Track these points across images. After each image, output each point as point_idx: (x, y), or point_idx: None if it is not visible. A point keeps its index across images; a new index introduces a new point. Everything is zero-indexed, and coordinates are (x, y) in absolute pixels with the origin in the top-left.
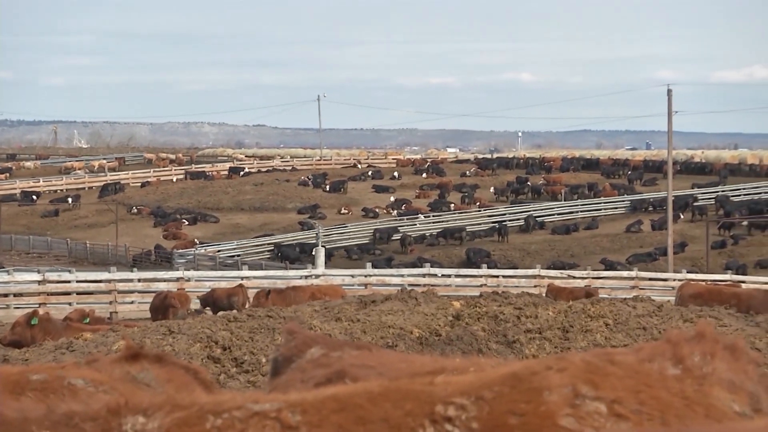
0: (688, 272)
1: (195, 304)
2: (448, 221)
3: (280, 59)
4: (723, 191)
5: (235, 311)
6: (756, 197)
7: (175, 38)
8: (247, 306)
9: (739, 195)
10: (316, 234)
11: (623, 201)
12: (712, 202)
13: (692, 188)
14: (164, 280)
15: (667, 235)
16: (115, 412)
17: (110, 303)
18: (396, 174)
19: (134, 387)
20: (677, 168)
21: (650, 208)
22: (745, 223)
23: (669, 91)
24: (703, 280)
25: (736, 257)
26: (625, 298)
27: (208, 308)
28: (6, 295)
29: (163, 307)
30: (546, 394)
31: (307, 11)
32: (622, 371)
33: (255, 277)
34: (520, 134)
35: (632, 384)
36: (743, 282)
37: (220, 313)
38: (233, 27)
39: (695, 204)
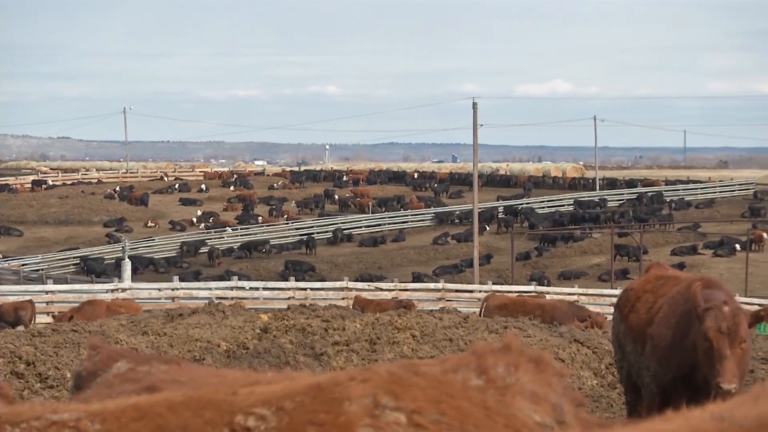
0: (493, 284)
1: None
2: (256, 234)
3: (84, 71)
4: (528, 203)
5: (35, 326)
6: (560, 209)
7: None
8: (33, 321)
9: (543, 207)
10: (122, 247)
11: (430, 213)
12: (517, 214)
13: (497, 200)
14: None
15: (473, 247)
16: None
17: None
18: (203, 187)
19: None
20: (483, 180)
21: (456, 221)
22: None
23: (474, 105)
24: (509, 292)
25: (540, 268)
26: (431, 310)
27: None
28: None
29: None
30: (346, 405)
31: (111, 24)
32: (425, 382)
33: (60, 291)
34: (327, 147)
35: (434, 394)
36: (547, 293)
37: (20, 327)
38: (36, 38)
39: (518, 214)
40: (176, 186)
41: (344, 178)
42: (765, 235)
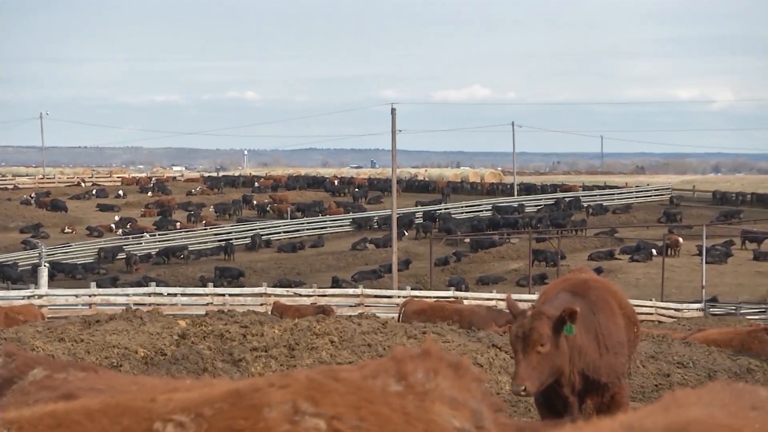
0: (412, 289)
1: None
2: (174, 240)
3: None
4: (446, 209)
5: None
6: (478, 214)
7: None
8: None
9: (462, 212)
10: (39, 253)
11: (348, 219)
12: (436, 219)
13: (416, 206)
14: None
15: (392, 252)
16: None
17: None
18: (121, 192)
19: None
20: (401, 186)
21: (375, 226)
22: (467, 240)
23: (393, 110)
24: (427, 297)
25: (458, 274)
26: (350, 316)
27: None
28: None
29: None
30: (266, 411)
31: (27, 28)
32: (345, 388)
33: None
34: (246, 152)
35: (353, 400)
36: (465, 298)
37: None
38: None
39: (437, 219)
40: (94, 192)
41: (256, 184)
42: (681, 240)
